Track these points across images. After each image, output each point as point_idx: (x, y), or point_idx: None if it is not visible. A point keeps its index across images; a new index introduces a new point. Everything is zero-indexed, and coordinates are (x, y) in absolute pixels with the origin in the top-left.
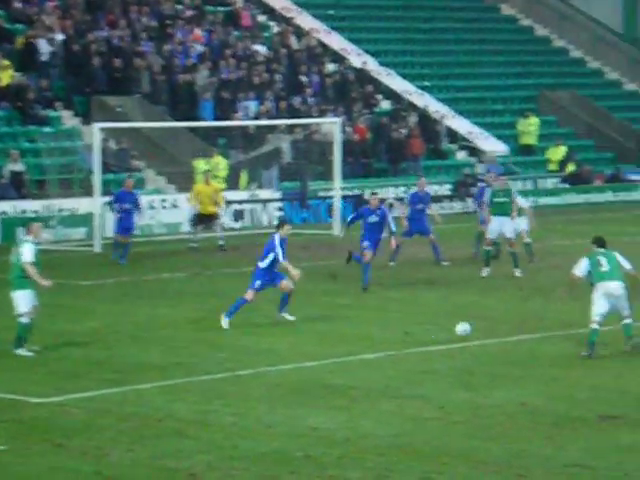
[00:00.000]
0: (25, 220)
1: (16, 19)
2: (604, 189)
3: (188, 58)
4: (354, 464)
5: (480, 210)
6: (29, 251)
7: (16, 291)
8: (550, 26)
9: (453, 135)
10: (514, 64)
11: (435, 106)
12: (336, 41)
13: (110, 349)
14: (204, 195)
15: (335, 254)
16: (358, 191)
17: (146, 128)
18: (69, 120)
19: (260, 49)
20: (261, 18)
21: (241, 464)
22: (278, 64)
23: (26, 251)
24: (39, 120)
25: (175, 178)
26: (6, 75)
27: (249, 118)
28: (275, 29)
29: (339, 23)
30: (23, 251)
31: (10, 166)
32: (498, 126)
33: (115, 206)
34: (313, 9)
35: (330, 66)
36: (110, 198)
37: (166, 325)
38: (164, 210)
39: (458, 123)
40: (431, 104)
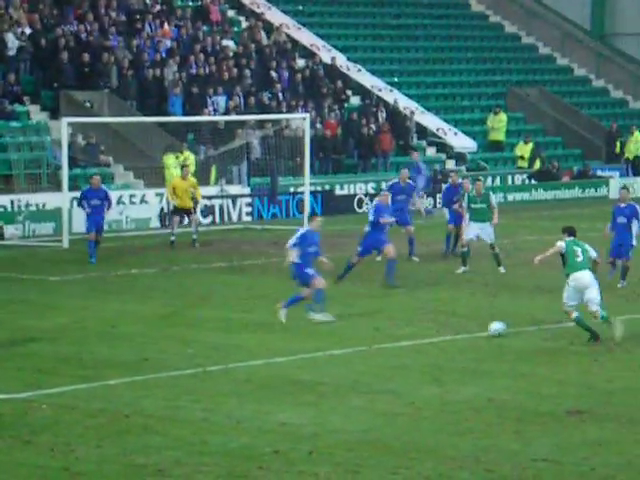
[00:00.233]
0: None
1: None
2: (572, 185)
3: (157, 53)
4: (323, 459)
5: (447, 209)
6: None
7: None
8: (519, 23)
9: (422, 131)
10: (483, 60)
11: (404, 102)
12: (305, 37)
13: (78, 345)
14: (181, 190)
15: None
16: (328, 187)
17: (115, 123)
18: (37, 115)
19: (229, 44)
20: (230, 13)
21: (210, 460)
22: (247, 59)
23: None
24: (6, 115)
25: (144, 173)
26: None
27: (218, 113)
28: (244, 24)
29: (308, 19)
30: None
31: None
32: (467, 122)
33: (84, 203)
34: (282, 4)
35: (300, 62)
36: (79, 195)
37: (135, 321)
38: (133, 205)
39: (427, 119)
40: (400, 100)
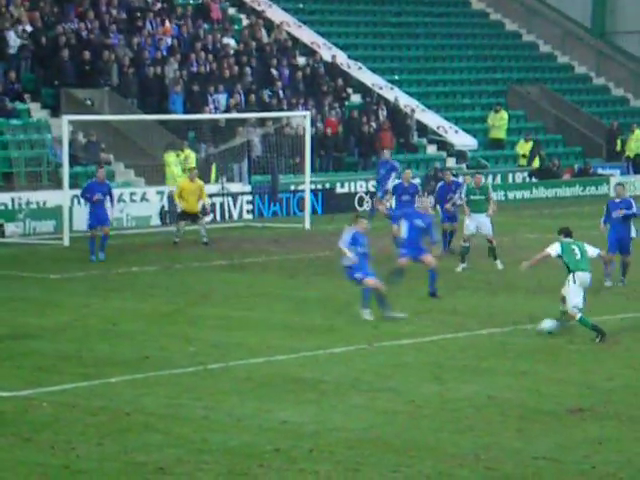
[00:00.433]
0: None
1: None
2: (573, 183)
3: (158, 51)
4: (324, 457)
5: (440, 207)
6: None
7: None
8: (520, 21)
9: (423, 129)
10: (484, 58)
11: (405, 100)
12: (306, 34)
13: (79, 343)
14: (188, 192)
15: (305, 247)
16: (329, 185)
17: (115, 121)
18: (37, 112)
19: (230, 42)
20: (231, 11)
21: (211, 457)
22: (248, 57)
23: None
24: (7, 112)
25: (145, 171)
26: None
27: (219, 111)
28: (245, 22)
29: (309, 16)
30: None
31: None
32: (468, 120)
33: (87, 195)
34: (283, 2)
35: (300, 59)
36: (83, 188)
37: (136, 319)
38: (133, 203)
39: (428, 117)
40: (401, 98)
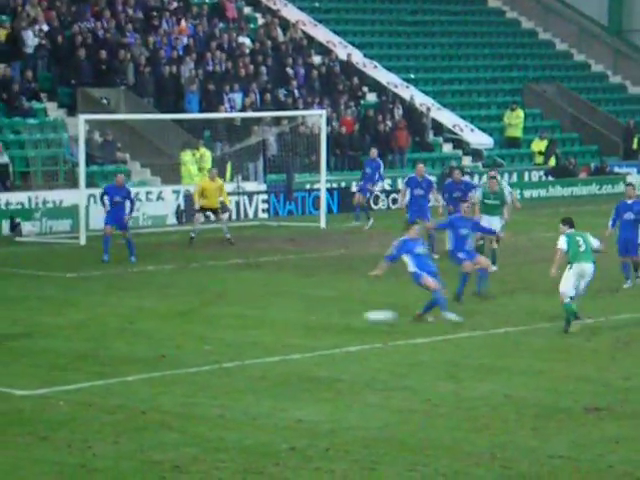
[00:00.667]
0: (10, 213)
1: (0, 10)
2: (589, 182)
3: (173, 50)
4: (340, 456)
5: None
6: None
7: None
8: (536, 19)
9: (439, 128)
10: (500, 57)
11: (421, 99)
12: (322, 33)
13: (95, 341)
14: (209, 191)
15: (321, 246)
16: (344, 184)
17: (131, 120)
18: (54, 112)
19: (246, 41)
20: (247, 10)
21: (226, 456)
22: (264, 56)
23: None
24: (24, 112)
25: (161, 170)
26: None
27: (235, 110)
28: (260, 21)
29: (325, 15)
30: None
31: None
32: (484, 119)
33: (105, 199)
34: (299, 1)
35: (316, 58)
36: (101, 191)
37: (152, 318)
38: (149, 202)
39: (444, 115)
40: (417, 97)
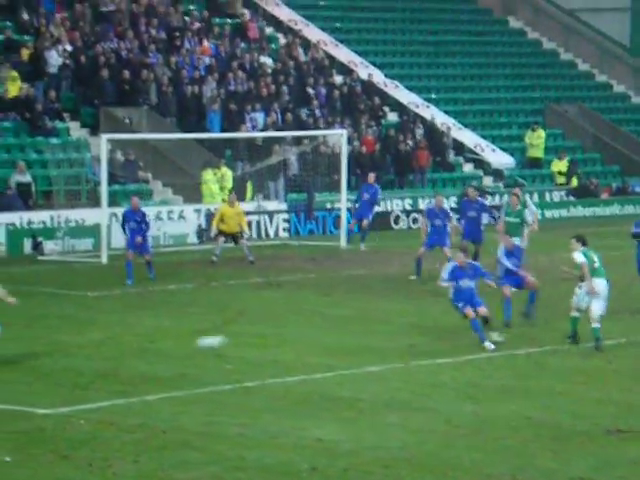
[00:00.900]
0: (32, 232)
1: (24, 30)
2: (611, 202)
3: (196, 70)
4: (359, 476)
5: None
6: None
7: None
8: (557, 39)
9: (460, 147)
10: (521, 77)
11: (442, 118)
12: (343, 53)
13: (116, 360)
14: (228, 217)
15: (341, 265)
16: None
17: (153, 139)
18: (77, 131)
19: (267, 61)
20: (268, 30)
21: (247, 475)
22: (285, 76)
23: None
24: (47, 131)
25: (182, 190)
26: (14, 86)
27: (256, 130)
28: (282, 41)
29: (346, 35)
30: None
31: (17, 177)
32: (505, 139)
33: (125, 226)
34: (320, 21)
35: (337, 78)
36: (121, 217)
37: (172, 336)
38: (170, 221)
39: (465, 135)
40: (438, 116)
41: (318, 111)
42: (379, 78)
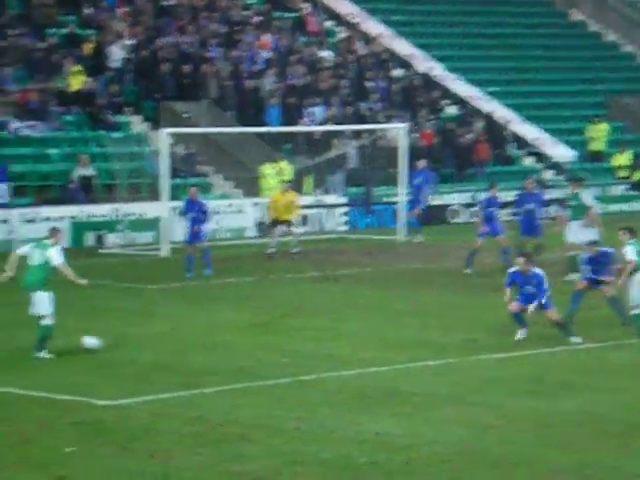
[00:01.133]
0: (94, 225)
1: (87, 25)
2: None
3: (255, 64)
4: (419, 471)
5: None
6: (58, 253)
7: (39, 292)
8: (619, 32)
9: (520, 141)
10: (582, 70)
11: (502, 111)
12: (402, 46)
13: (175, 353)
14: (280, 204)
15: (399, 259)
16: None
17: (213, 133)
18: (138, 125)
19: (326, 55)
20: (328, 24)
21: (305, 469)
22: (344, 70)
23: (55, 254)
24: (109, 125)
25: (241, 183)
26: (77, 80)
27: (315, 124)
28: (341, 35)
29: (405, 28)
30: (52, 254)
31: (80, 171)
32: (566, 132)
33: (187, 216)
34: (379, 15)
35: (396, 71)
36: (182, 207)
37: (230, 329)
38: (230, 215)
39: (525, 129)
40: (498, 109)
41: (377, 105)
42: (439, 71)
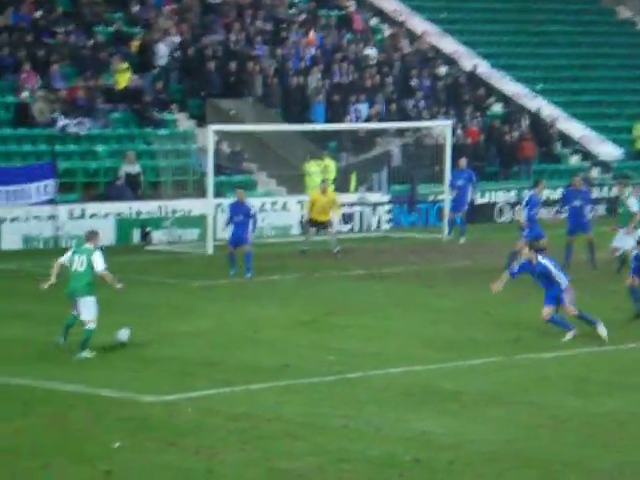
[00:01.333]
0: (140, 221)
1: (134, 22)
2: None
3: (301, 61)
4: (464, 469)
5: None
6: (101, 259)
7: (86, 297)
8: None
9: (566, 139)
10: (630, 67)
11: (548, 109)
12: (448, 44)
13: (220, 349)
14: (319, 205)
15: (444, 257)
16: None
17: (259, 131)
18: (184, 122)
19: (372, 52)
20: (373, 21)
21: (351, 467)
22: (390, 67)
23: (98, 259)
24: (155, 122)
25: (286, 181)
26: (124, 78)
27: (360, 121)
28: (387, 32)
29: (451, 26)
30: (95, 260)
31: (126, 168)
32: (613, 130)
33: (230, 220)
34: (425, 12)
35: (442, 69)
36: (227, 210)
37: (275, 327)
38: (274, 213)
39: (572, 126)
40: (544, 107)
41: (422, 102)
42: (484, 69)
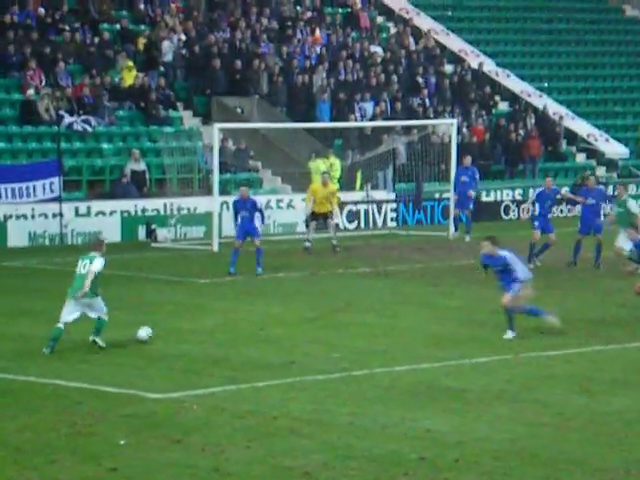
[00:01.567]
0: (146, 219)
1: (140, 20)
2: None
3: (307, 59)
4: (469, 468)
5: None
6: (100, 263)
7: (93, 299)
8: None
9: (572, 137)
10: (636, 66)
11: (554, 107)
12: (454, 42)
13: (226, 347)
14: (319, 196)
15: (449, 256)
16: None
17: (264, 129)
18: (189, 120)
19: (377, 50)
20: (379, 19)
21: (356, 464)
22: (395, 65)
23: (97, 261)
24: (161, 120)
25: (291, 178)
26: (130, 76)
27: (365, 119)
28: (393, 30)
29: (457, 24)
30: (95, 261)
31: (132, 165)
32: (619, 128)
33: (236, 217)
34: (431, 10)
35: (448, 67)
36: (232, 207)
37: (281, 324)
38: (280, 210)
39: (578, 125)
40: (550, 105)
41: (428, 100)
42: (490, 67)
